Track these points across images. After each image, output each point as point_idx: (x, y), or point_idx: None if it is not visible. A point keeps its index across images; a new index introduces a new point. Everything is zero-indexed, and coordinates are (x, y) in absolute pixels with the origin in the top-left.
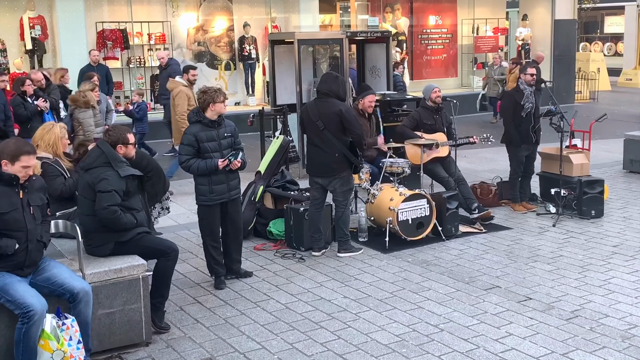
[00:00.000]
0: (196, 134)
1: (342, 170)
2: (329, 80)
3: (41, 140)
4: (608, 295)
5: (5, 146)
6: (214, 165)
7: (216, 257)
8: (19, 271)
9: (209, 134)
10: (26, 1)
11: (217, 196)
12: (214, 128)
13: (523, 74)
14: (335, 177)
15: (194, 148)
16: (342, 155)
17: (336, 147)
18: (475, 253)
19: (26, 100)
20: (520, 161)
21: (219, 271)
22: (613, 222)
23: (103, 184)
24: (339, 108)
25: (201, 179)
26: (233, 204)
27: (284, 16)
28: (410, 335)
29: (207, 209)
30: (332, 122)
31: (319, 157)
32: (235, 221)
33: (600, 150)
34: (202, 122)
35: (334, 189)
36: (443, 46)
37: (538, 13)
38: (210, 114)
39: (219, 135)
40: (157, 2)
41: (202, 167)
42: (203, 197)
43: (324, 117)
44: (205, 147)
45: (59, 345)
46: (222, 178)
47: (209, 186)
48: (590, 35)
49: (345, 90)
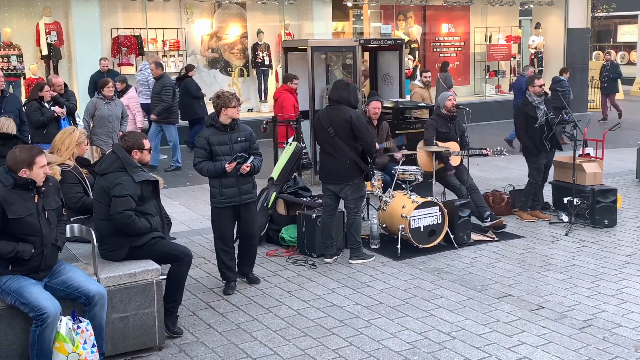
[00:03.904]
0: (208, 138)
1: (353, 178)
2: (340, 87)
3: (61, 144)
4: (621, 304)
5: (15, 157)
6: (221, 167)
7: (226, 262)
8: (34, 275)
9: (221, 137)
10: (42, 7)
11: (227, 199)
12: (227, 132)
13: (531, 85)
14: (347, 184)
15: (206, 151)
16: (353, 162)
17: (347, 154)
18: (487, 261)
19: (43, 106)
20: (539, 170)
21: (228, 276)
22: (626, 232)
23: (118, 188)
24: (349, 115)
25: (213, 182)
26: (246, 208)
27: (297, 23)
28: (422, 342)
29: (217, 211)
30: (343, 129)
31: (330, 164)
32: (249, 225)
33: (614, 160)
34: (215, 126)
35: (345, 195)
36: (456, 54)
37: (551, 22)
38: (223, 118)
39: (231, 140)
40: (171, 8)
41: (210, 169)
42: (214, 199)
43: (335, 124)
44: (216, 150)
45: (74, 348)
46: (232, 181)
47: (219, 189)
48: (603, 44)
49: (357, 97)
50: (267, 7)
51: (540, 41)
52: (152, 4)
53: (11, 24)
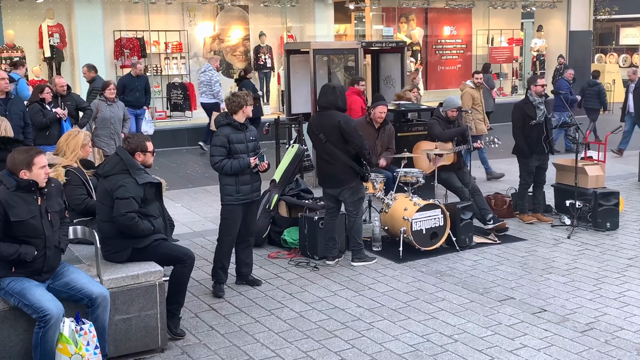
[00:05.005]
0: (228, 136)
1: (349, 181)
2: (327, 92)
3: (66, 146)
4: (623, 308)
5: (14, 159)
6: (246, 163)
7: (225, 263)
8: (37, 276)
9: (239, 136)
10: (45, 10)
11: (243, 196)
12: (242, 131)
13: (533, 85)
14: (344, 187)
15: (226, 149)
16: (347, 166)
17: (340, 158)
18: (489, 264)
19: (45, 108)
20: (530, 171)
21: (221, 277)
22: (628, 235)
23: (121, 190)
24: (337, 120)
25: (229, 179)
26: (251, 206)
27: (300, 26)
28: (424, 345)
29: (231, 209)
30: (333, 134)
31: (326, 168)
32: (250, 223)
33: (616, 162)
34: (232, 125)
35: (344, 199)
36: (457, 56)
37: (553, 24)
38: (240, 116)
39: (246, 138)
40: (174, 11)
41: (236, 166)
42: (230, 197)
43: (325, 129)
44: (235, 148)
45: (77, 349)
46: (247, 179)
47: (236, 186)
48: (605, 47)
49: (344, 99)
50: (269, 10)
51: (542, 44)
52: (155, 6)
53: (14, 26)
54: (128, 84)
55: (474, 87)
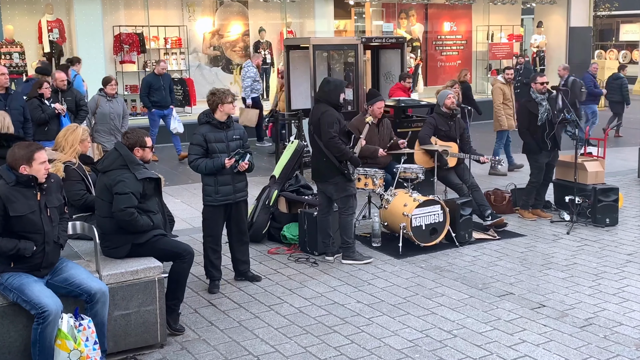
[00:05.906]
0: (205, 135)
1: (332, 176)
2: (322, 85)
3: (65, 141)
4: (622, 303)
5: (14, 154)
6: (220, 163)
7: (213, 261)
8: (35, 272)
9: (218, 135)
10: (45, 5)
11: (223, 197)
12: (223, 130)
13: (534, 82)
14: (328, 182)
15: (202, 148)
16: (329, 160)
17: (323, 152)
18: (488, 260)
19: (43, 103)
20: (540, 168)
21: (214, 275)
22: (627, 230)
23: (120, 186)
24: (320, 112)
25: (208, 179)
26: (237, 206)
27: (299, 21)
28: (423, 340)
29: (211, 209)
30: (317, 127)
31: (313, 161)
32: (240, 223)
33: (615, 159)
34: (211, 123)
35: (331, 194)
36: (457, 52)
37: (553, 20)
38: (219, 114)
39: (227, 137)
40: (173, 6)
41: (209, 166)
42: (209, 198)
43: (313, 122)
44: (213, 147)
45: (76, 345)
46: (228, 179)
47: (214, 187)
48: (605, 43)
49: (337, 94)
50: (269, 5)
51: (542, 40)
52: (154, 2)
53: (13, 21)
54: (153, 83)
55: (505, 83)
